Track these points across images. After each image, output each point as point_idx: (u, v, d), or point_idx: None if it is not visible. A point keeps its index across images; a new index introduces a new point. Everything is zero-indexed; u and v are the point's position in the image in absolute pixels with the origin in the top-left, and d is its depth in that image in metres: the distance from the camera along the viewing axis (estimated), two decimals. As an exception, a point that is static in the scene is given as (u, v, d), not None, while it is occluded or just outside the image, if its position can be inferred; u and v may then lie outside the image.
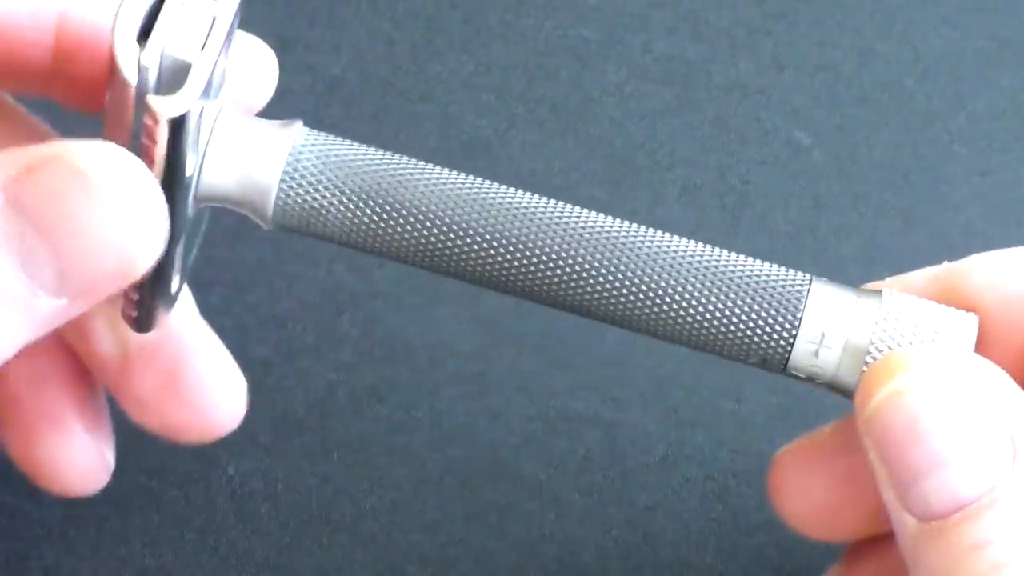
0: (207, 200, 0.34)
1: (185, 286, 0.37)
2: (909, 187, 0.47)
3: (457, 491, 0.42)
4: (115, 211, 0.31)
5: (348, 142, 0.35)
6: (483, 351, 0.44)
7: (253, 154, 0.34)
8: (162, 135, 0.31)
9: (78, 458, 0.39)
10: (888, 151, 0.47)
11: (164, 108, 0.31)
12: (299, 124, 0.34)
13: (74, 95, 0.34)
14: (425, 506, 0.42)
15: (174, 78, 0.31)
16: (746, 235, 0.46)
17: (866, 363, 0.34)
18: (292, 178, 0.34)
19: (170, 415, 0.38)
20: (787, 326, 0.34)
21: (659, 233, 0.35)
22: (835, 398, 0.42)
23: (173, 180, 0.32)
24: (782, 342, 0.34)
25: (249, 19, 0.36)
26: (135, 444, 0.40)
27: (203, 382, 0.37)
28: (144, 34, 0.31)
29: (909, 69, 0.48)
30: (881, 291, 0.34)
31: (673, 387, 0.44)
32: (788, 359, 0.34)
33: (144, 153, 0.32)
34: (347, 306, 0.44)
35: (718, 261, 0.35)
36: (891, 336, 0.34)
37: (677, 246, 0.35)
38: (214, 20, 0.32)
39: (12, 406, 0.38)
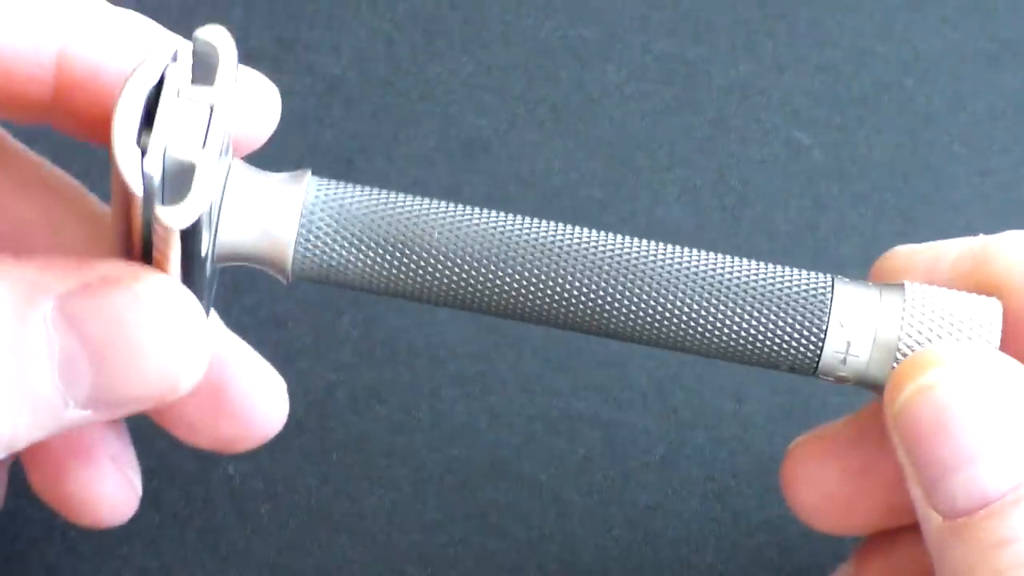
0: (224, 262, 0.34)
1: None
2: (909, 187, 0.47)
3: (457, 491, 0.42)
4: (164, 341, 0.31)
5: (359, 188, 0.34)
6: (484, 351, 0.44)
7: (267, 213, 0.33)
8: (174, 242, 0.31)
9: (107, 489, 0.38)
10: (888, 151, 0.47)
11: (173, 221, 0.31)
12: (308, 176, 0.34)
13: (75, 127, 0.34)
14: (425, 506, 0.42)
15: (179, 178, 0.31)
16: (746, 235, 0.46)
17: (895, 359, 0.34)
18: (307, 238, 0.33)
19: (220, 431, 0.38)
20: (814, 333, 0.34)
21: (680, 250, 0.35)
22: (837, 399, 0.42)
23: (190, 269, 0.32)
24: (810, 349, 0.34)
25: (249, 19, 0.36)
26: (135, 445, 0.40)
27: (248, 393, 0.37)
28: (145, 120, 0.31)
29: (909, 69, 0.48)
30: (903, 284, 0.35)
31: (673, 387, 0.44)
32: (818, 364, 0.34)
33: (157, 248, 0.32)
34: (347, 306, 0.44)
35: (740, 274, 0.35)
36: (918, 330, 0.34)
37: (700, 262, 0.35)
38: (212, 108, 0.31)
39: (37, 445, 0.38)
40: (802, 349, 0.34)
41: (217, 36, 0.31)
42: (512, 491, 0.42)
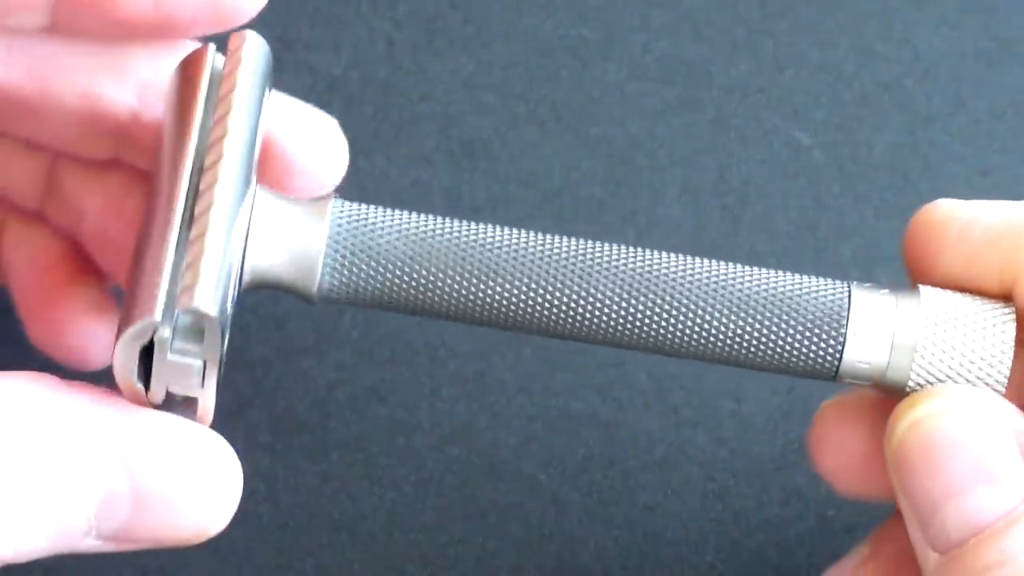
0: (249, 288, 0.34)
1: None
2: (909, 187, 0.47)
3: (457, 491, 0.42)
4: (207, 498, 0.33)
5: (382, 210, 0.35)
6: (484, 351, 0.44)
7: (294, 238, 0.34)
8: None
9: (92, 335, 0.40)
10: (888, 151, 0.47)
11: None
12: (332, 199, 0.35)
13: (77, 24, 0.34)
14: (425, 506, 0.42)
15: (183, 405, 0.33)
16: (746, 235, 0.46)
17: (913, 364, 0.35)
18: (335, 259, 0.34)
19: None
20: (834, 340, 0.35)
21: (699, 262, 0.35)
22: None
23: None
24: (831, 356, 0.35)
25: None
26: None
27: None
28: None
29: (909, 69, 0.48)
30: (919, 289, 0.35)
31: (673, 387, 0.44)
32: (838, 370, 0.35)
33: None
34: (347, 306, 0.44)
35: (758, 285, 0.35)
36: (935, 333, 0.35)
37: (719, 274, 0.35)
38: (205, 363, 0.32)
39: (29, 300, 0.40)
40: (822, 356, 0.35)
41: (203, 301, 0.32)
42: (512, 491, 0.42)
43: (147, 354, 0.32)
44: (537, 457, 0.43)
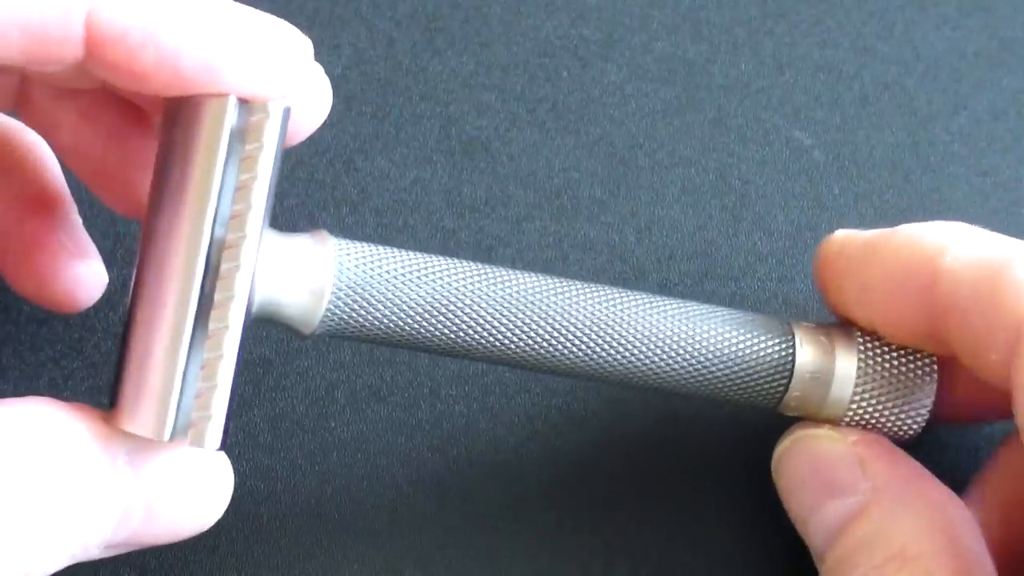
0: (251, 321, 0.35)
1: None
2: (909, 187, 0.47)
3: (457, 491, 0.42)
4: (207, 506, 0.35)
5: (379, 248, 0.36)
6: (483, 351, 0.44)
7: (300, 277, 0.35)
8: None
9: (72, 274, 0.40)
10: (888, 151, 0.47)
11: None
12: (331, 238, 0.35)
13: (106, 77, 0.34)
14: (425, 506, 0.42)
15: None
16: (746, 235, 0.46)
17: (851, 400, 0.38)
18: (339, 297, 0.35)
19: None
20: (779, 380, 0.38)
21: (656, 300, 0.38)
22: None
23: None
24: (775, 391, 0.38)
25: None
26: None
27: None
28: None
29: (909, 69, 0.48)
30: (854, 333, 0.38)
31: (673, 387, 0.44)
32: (780, 402, 0.39)
33: None
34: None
35: (715, 323, 0.38)
36: (870, 379, 0.38)
37: (677, 312, 0.38)
38: None
39: (10, 252, 0.40)
40: (766, 394, 0.38)
41: (213, 442, 0.33)
42: (512, 491, 0.42)
43: None
44: (537, 457, 0.43)
